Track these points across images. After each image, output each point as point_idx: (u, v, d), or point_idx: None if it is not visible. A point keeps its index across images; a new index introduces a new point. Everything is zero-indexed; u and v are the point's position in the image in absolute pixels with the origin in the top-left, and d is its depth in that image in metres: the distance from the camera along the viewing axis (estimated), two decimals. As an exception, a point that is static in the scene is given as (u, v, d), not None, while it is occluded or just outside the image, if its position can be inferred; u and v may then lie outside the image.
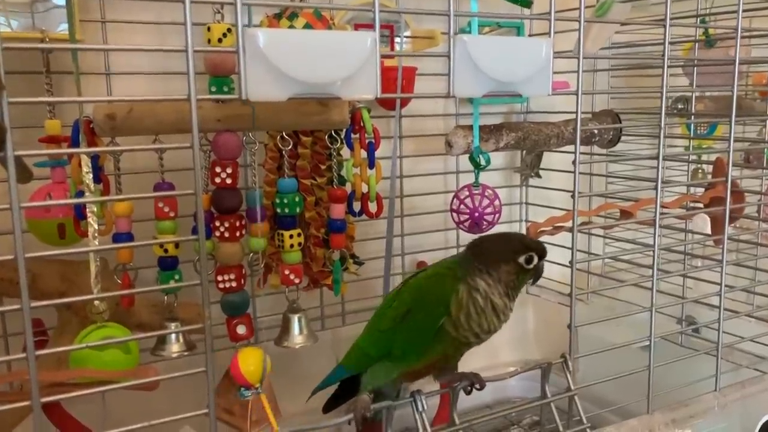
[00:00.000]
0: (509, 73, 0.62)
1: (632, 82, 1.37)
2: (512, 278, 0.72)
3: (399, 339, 0.73)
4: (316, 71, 0.54)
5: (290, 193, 0.81)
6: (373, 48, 0.56)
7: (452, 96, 0.61)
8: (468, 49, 0.60)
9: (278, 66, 0.52)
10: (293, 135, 0.88)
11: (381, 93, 0.57)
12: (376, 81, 0.56)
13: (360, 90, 0.56)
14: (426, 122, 1.24)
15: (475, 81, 0.61)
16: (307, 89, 0.54)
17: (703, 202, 0.93)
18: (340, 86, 0.55)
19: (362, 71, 0.55)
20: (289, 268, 0.82)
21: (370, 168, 0.84)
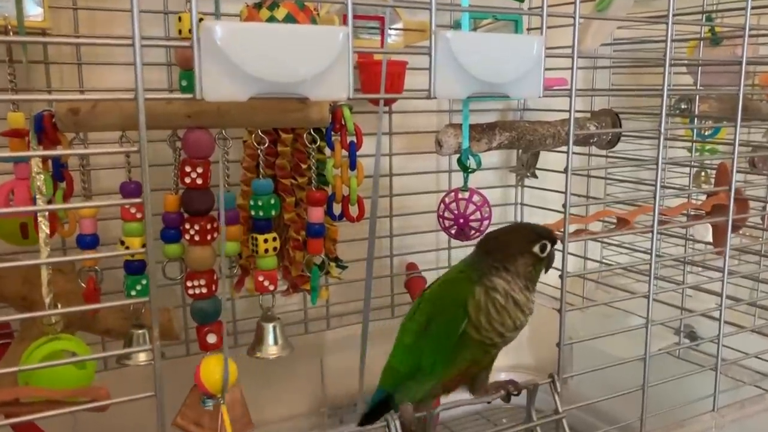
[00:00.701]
0: (497, 73, 0.57)
1: (635, 79, 1.32)
2: (530, 269, 0.70)
3: (425, 351, 0.71)
4: (280, 69, 0.49)
5: (265, 195, 0.76)
6: (345, 43, 0.51)
7: (434, 97, 0.56)
8: (451, 47, 0.55)
9: (237, 63, 0.47)
10: (272, 131, 0.83)
11: (355, 92, 0.52)
12: (348, 80, 0.51)
13: (331, 90, 0.51)
14: (417, 118, 1.19)
15: (458, 81, 0.56)
16: (271, 88, 0.49)
17: (705, 209, 0.88)
18: (308, 85, 0.50)
19: (333, 69, 0.51)
20: (263, 275, 0.77)
21: (352, 169, 0.79)
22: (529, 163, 1.25)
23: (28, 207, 0.64)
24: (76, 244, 0.74)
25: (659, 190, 0.72)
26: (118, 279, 0.79)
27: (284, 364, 1.13)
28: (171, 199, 0.75)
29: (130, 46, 0.45)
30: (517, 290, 0.69)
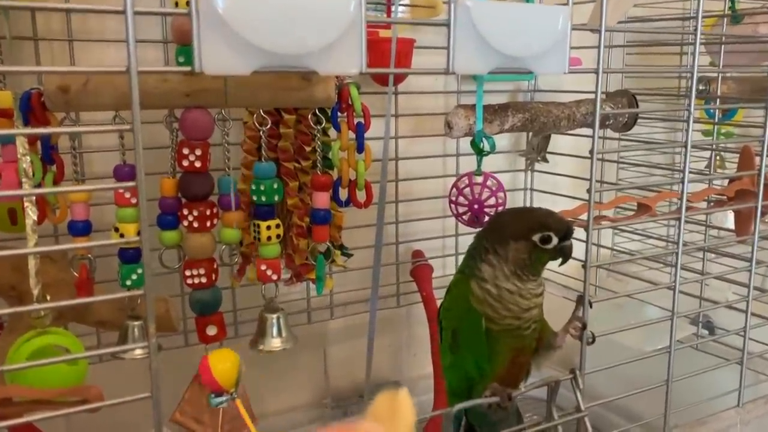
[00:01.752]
0: (520, 46, 0.53)
1: (649, 59, 1.27)
2: (523, 257, 0.68)
3: (466, 362, 0.71)
4: (286, 40, 0.44)
5: (267, 179, 0.72)
6: (358, 13, 0.46)
7: (452, 73, 0.51)
8: (472, 17, 0.50)
9: (240, 33, 0.43)
10: (274, 112, 0.78)
11: (367, 67, 0.47)
12: (360, 53, 0.47)
13: (341, 64, 0.47)
14: (424, 100, 1.15)
15: (479, 55, 0.52)
16: (276, 61, 0.45)
17: (728, 194, 0.84)
18: (316, 58, 0.46)
19: (344, 41, 0.46)
20: (265, 263, 0.73)
21: (359, 152, 0.75)
22: (540, 147, 1.20)
23: (11, 191, 0.59)
24: (67, 231, 0.70)
25: (687, 174, 0.68)
26: (112, 267, 0.74)
27: (286, 355, 1.09)
28: (168, 183, 0.71)
29: (121, 13, 0.41)
30: (502, 278, 0.67)
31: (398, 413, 0.24)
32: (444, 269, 1.18)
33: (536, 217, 0.68)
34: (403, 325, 1.20)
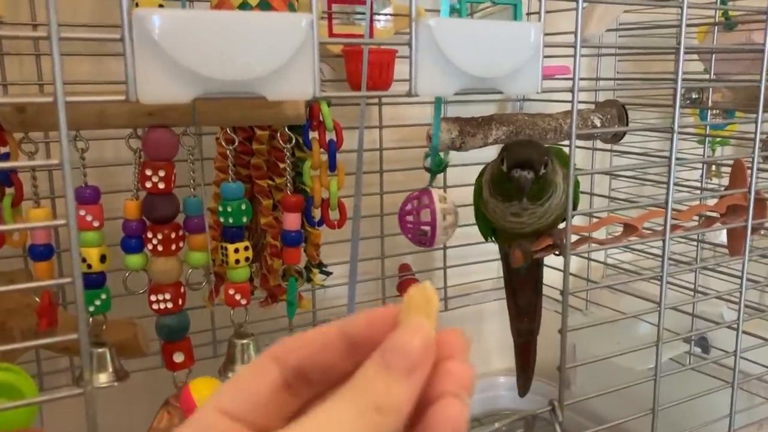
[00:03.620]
0: (488, 66, 0.50)
1: (642, 67, 1.24)
2: (494, 176, 0.74)
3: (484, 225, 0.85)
4: (229, 65, 0.41)
5: (235, 200, 0.69)
6: (309, 33, 0.43)
7: (415, 95, 0.48)
8: (434, 36, 0.47)
9: (178, 60, 0.40)
10: (247, 128, 0.76)
11: (318, 93, 0.45)
12: (313, 76, 0.44)
13: (293, 88, 0.44)
14: (411, 109, 1.12)
15: (443, 76, 0.49)
16: (220, 87, 0.42)
17: (719, 211, 0.81)
18: (264, 83, 0.43)
19: (295, 63, 0.43)
20: (234, 287, 0.70)
21: (331, 170, 0.72)
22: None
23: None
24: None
25: (671, 194, 0.65)
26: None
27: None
28: (131, 206, 0.68)
29: (45, 39, 0.38)
30: (486, 190, 0.76)
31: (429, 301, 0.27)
32: (432, 283, 1.14)
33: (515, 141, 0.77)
34: (389, 341, 1.16)
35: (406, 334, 0.26)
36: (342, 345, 0.28)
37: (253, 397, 0.28)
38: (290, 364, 0.28)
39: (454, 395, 0.26)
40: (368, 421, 0.24)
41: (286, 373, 0.28)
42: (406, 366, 0.25)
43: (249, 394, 0.28)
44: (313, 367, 0.28)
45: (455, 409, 0.26)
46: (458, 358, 0.27)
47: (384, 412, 0.24)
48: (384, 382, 0.25)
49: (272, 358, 0.28)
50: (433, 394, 0.26)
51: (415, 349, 0.25)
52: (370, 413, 0.24)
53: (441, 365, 0.26)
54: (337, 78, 0.96)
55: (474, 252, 1.14)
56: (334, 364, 0.28)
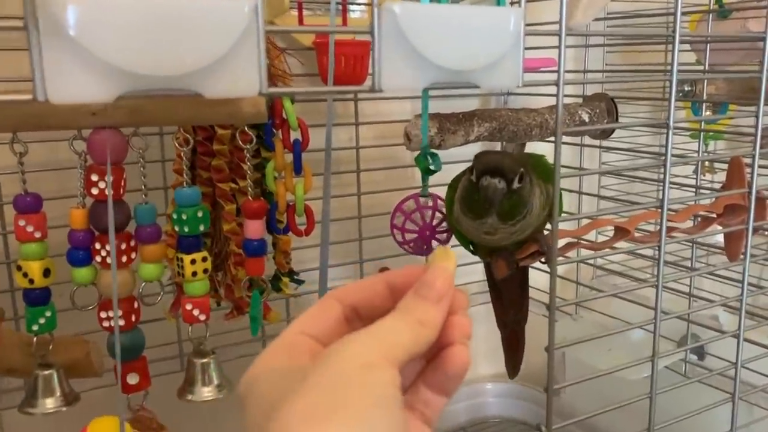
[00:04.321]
0: (462, 57, 0.44)
1: (632, 58, 1.19)
2: (464, 189, 0.66)
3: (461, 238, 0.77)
4: (158, 59, 0.35)
5: (190, 206, 0.63)
6: (253, 20, 0.38)
7: (379, 91, 0.43)
8: (400, 24, 0.42)
9: (94, 51, 0.34)
10: (207, 127, 0.70)
11: (267, 88, 0.39)
12: (259, 69, 0.38)
13: (233, 83, 0.38)
14: (391, 105, 1.06)
15: (411, 69, 0.43)
16: (148, 84, 0.36)
17: (717, 211, 0.76)
18: (200, 79, 0.37)
19: (235, 56, 0.37)
20: (191, 302, 0.64)
21: (297, 173, 0.66)
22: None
23: None
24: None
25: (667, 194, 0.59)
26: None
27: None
28: (77, 215, 0.62)
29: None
30: (458, 207, 0.68)
31: (449, 257, 0.38)
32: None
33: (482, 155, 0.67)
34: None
35: (433, 274, 0.36)
36: (385, 290, 0.38)
37: (322, 324, 0.37)
38: (348, 303, 0.38)
39: (461, 343, 0.36)
40: (415, 330, 0.34)
41: (345, 310, 0.37)
42: (435, 296, 0.35)
43: (320, 321, 0.37)
44: (364, 306, 0.38)
45: (464, 353, 0.36)
46: (463, 313, 0.37)
47: (425, 325, 0.34)
48: (422, 306, 0.35)
49: (335, 299, 0.38)
50: (446, 339, 0.36)
51: (441, 284, 0.36)
52: (416, 324, 0.34)
53: (451, 318, 0.36)
54: (308, 72, 0.90)
55: (458, 254, 1.08)
56: (379, 304, 0.38)
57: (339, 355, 0.31)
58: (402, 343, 0.33)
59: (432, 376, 0.36)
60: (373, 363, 0.31)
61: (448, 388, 0.37)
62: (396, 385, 0.31)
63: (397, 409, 0.31)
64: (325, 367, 0.31)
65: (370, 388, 0.30)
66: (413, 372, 0.37)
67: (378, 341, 0.32)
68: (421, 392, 0.36)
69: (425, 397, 0.36)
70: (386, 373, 0.31)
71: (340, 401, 0.29)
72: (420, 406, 0.36)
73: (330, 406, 0.29)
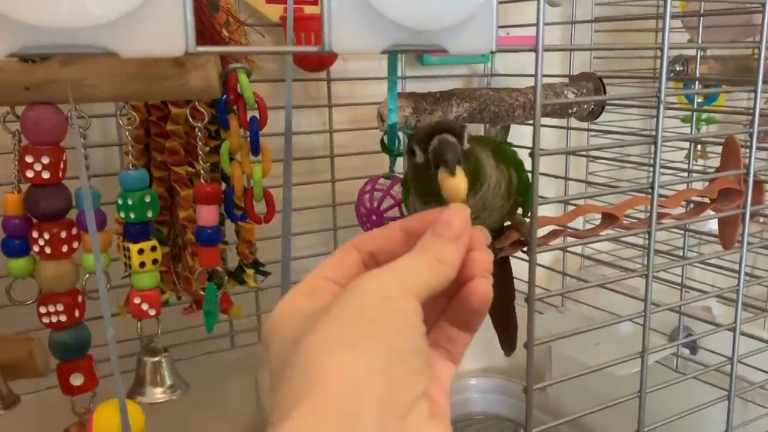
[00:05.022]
0: (425, 16, 0.39)
1: (622, 37, 1.13)
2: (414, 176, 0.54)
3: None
4: (60, 8, 0.30)
5: (137, 190, 0.57)
6: (176, -32, 0.32)
7: (329, 52, 0.37)
8: (352, -25, 0.36)
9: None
10: (161, 105, 0.64)
11: (196, 46, 0.33)
12: (185, 24, 0.33)
13: (153, 41, 0.33)
14: (368, 86, 1.00)
15: (367, 28, 0.38)
16: (50, 39, 0.30)
17: (711, 196, 0.71)
18: (111, 33, 0.31)
19: (153, 8, 0.32)
20: (140, 295, 0.59)
21: (254, 154, 0.60)
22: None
23: None
24: None
25: (657, 178, 0.54)
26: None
27: (212, 385, 0.95)
28: (11, 200, 0.57)
29: None
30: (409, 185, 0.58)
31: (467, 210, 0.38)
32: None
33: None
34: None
35: (451, 213, 0.36)
36: (402, 235, 0.38)
37: (343, 269, 0.37)
38: (366, 250, 0.37)
39: (482, 276, 0.36)
40: (434, 266, 0.34)
41: (364, 256, 0.37)
42: (452, 235, 0.35)
43: (340, 267, 0.37)
44: (382, 252, 0.37)
45: (485, 285, 0.36)
46: (482, 248, 0.37)
47: (443, 262, 0.34)
48: (439, 244, 0.35)
49: (353, 246, 0.38)
50: (467, 275, 0.36)
51: (458, 223, 0.36)
52: (434, 262, 0.34)
53: (470, 254, 0.36)
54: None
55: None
56: (396, 248, 0.37)
57: (360, 289, 0.32)
58: (422, 278, 0.33)
59: (455, 312, 0.37)
60: (394, 296, 0.32)
61: (471, 322, 0.37)
62: (418, 315, 0.32)
63: (421, 336, 0.32)
64: (347, 300, 0.31)
65: (392, 318, 0.31)
66: (436, 311, 0.37)
67: (397, 277, 0.33)
68: (444, 329, 0.37)
69: (449, 334, 0.37)
70: (408, 305, 0.32)
71: (363, 329, 0.30)
72: (444, 343, 0.37)
73: (353, 334, 0.29)
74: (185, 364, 0.84)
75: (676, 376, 0.85)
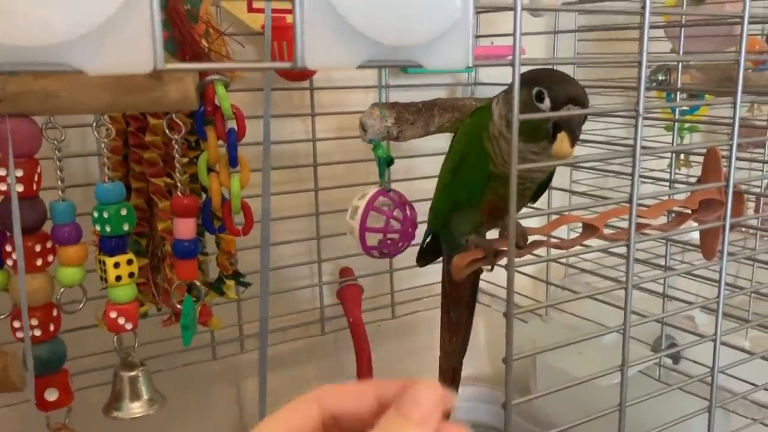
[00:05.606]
0: (399, 31, 0.39)
1: (604, 47, 1.14)
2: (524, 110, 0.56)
3: (461, 189, 0.67)
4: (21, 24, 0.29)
5: (112, 203, 0.57)
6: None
7: (302, 68, 0.37)
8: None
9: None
10: (139, 116, 0.64)
11: (165, 63, 0.33)
12: (153, 41, 0.32)
13: (121, 58, 0.32)
14: (351, 95, 1.00)
15: (341, 44, 0.37)
16: (10, 57, 0.30)
17: (692, 206, 0.71)
18: (75, 49, 0.31)
19: (120, 24, 0.31)
20: (116, 309, 0.58)
21: (232, 166, 0.60)
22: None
23: None
24: None
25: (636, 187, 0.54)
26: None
27: (194, 395, 0.94)
28: None
29: None
30: (496, 123, 0.59)
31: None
32: (376, 288, 1.04)
33: (544, 72, 0.59)
34: (330, 353, 1.05)
35: (421, 389, 0.32)
36: (374, 402, 0.33)
37: (296, 429, 0.32)
38: (330, 410, 0.33)
39: None
40: None
41: (325, 416, 0.33)
42: (419, 416, 0.31)
43: (293, 428, 0.32)
44: (347, 417, 0.33)
45: None
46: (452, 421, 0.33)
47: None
48: (403, 428, 0.31)
49: (316, 402, 0.33)
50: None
51: (427, 405, 0.31)
52: None
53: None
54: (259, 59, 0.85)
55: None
56: (365, 418, 0.33)
57: None
58: None
59: None
60: None
61: None
62: None
63: None
64: None
65: None
66: None
67: None
68: None
69: None
70: None
71: None
72: None
73: None
74: (166, 374, 0.84)
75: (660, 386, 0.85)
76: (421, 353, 1.15)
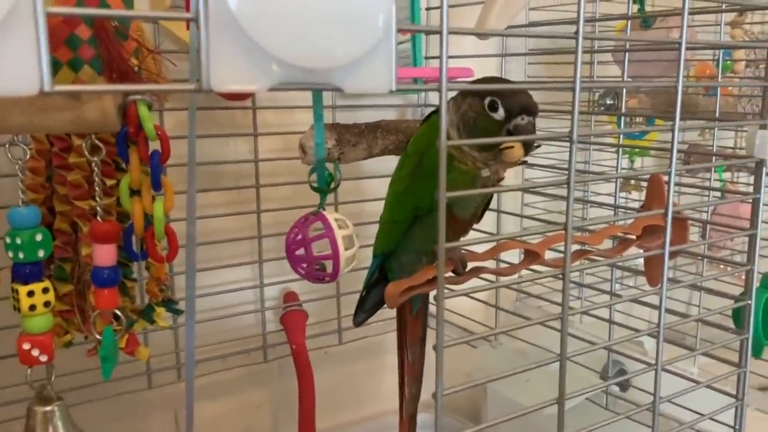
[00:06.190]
0: (315, 53, 0.37)
1: (555, 71, 1.13)
2: (470, 115, 0.59)
3: (423, 193, 0.64)
4: None
5: (26, 229, 0.53)
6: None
7: (207, 91, 0.34)
8: (232, 10, 0.34)
9: None
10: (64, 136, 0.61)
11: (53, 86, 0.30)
12: (39, 62, 0.30)
13: (4, 80, 0.29)
14: (296, 114, 0.98)
15: (251, 66, 0.35)
16: None
17: (635, 232, 0.70)
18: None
19: (3, 44, 0.29)
20: (29, 340, 0.55)
21: (155, 190, 0.57)
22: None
23: None
24: None
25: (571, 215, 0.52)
26: None
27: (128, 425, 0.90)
28: None
29: None
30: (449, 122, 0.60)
31: None
32: (323, 313, 1.01)
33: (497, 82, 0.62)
34: (274, 381, 1.02)
35: None
36: None
37: None
38: None
39: None
40: None
41: None
42: None
43: None
44: None
45: None
46: None
47: None
48: None
49: None
50: None
51: None
52: None
53: None
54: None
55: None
56: None
57: None
58: None
59: None
60: None
61: None
62: None
63: None
64: None
65: None
66: None
67: None
68: None
69: None
70: None
71: None
72: None
73: None
74: (97, 404, 0.80)
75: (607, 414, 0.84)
76: (369, 379, 1.12)
